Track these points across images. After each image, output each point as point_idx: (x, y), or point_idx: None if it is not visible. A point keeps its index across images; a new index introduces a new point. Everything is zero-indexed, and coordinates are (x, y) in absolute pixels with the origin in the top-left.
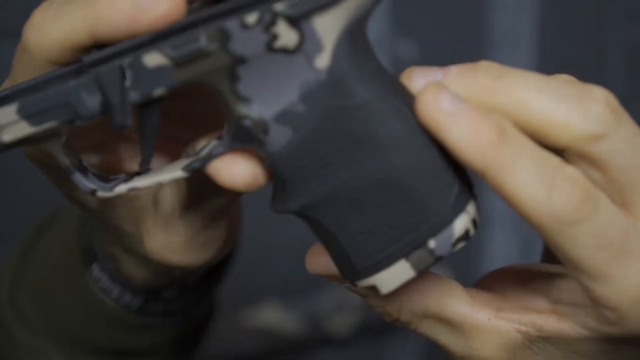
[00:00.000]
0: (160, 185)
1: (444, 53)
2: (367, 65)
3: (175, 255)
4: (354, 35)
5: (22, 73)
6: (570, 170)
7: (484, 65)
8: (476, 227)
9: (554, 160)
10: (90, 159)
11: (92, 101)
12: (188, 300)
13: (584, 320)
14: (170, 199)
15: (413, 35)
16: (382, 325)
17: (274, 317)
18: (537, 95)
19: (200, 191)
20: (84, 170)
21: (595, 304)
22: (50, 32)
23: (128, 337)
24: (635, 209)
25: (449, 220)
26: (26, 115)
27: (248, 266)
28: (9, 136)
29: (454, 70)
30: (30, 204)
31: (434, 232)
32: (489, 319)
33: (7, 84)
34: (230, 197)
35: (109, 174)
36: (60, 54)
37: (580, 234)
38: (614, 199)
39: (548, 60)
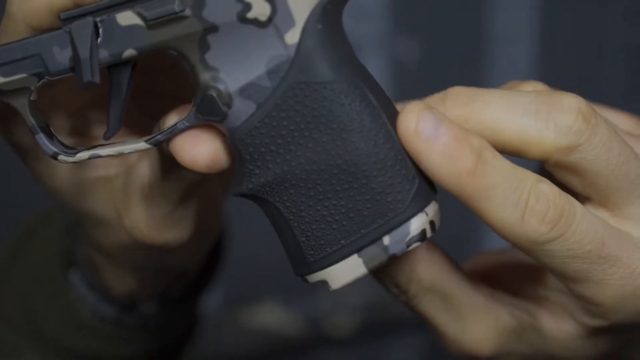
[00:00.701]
0: (122, 156)
1: (444, 52)
2: (338, 48)
3: (153, 230)
4: (327, 16)
5: (3, 40)
6: (545, 189)
7: (452, 93)
8: (434, 230)
9: (529, 180)
10: (62, 127)
11: (62, 56)
12: (167, 315)
13: (573, 310)
14: (146, 174)
15: (413, 35)
16: (382, 326)
17: (274, 317)
18: (507, 116)
19: (172, 166)
20: (49, 134)
21: (580, 300)
22: None
23: (103, 347)
24: (616, 209)
25: (406, 218)
26: None
27: (248, 266)
28: None
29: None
30: (22, 204)
31: (389, 228)
32: (486, 300)
33: None
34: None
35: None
36: (42, 18)
37: (555, 249)
38: (595, 201)
39: (548, 60)
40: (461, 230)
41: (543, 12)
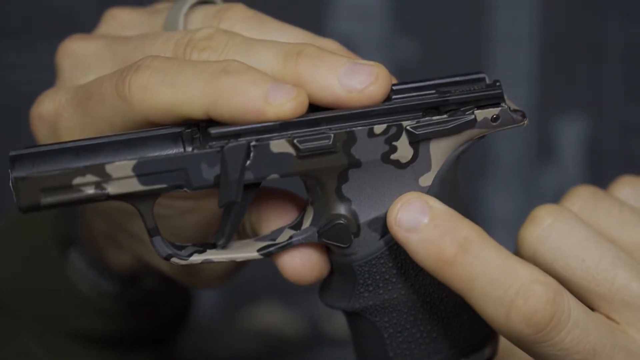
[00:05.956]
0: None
1: (444, 52)
2: (458, 191)
3: (185, 277)
4: (457, 163)
5: (108, 116)
6: (538, 291)
7: None
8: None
9: (522, 279)
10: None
11: (209, 172)
12: (165, 289)
13: None
14: (190, 229)
15: (413, 35)
16: None
17: (274, 318)
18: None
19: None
20: (160, 234)
21: None
22: (160, 95)
23: (101, 323)
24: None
25: (483, 345)
26: (140, 173)
27: (248, 266)
28: (115, 189)
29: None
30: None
31: (469, 352)
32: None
33: (74, 111)
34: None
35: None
36: (163, 117)
37: (542, 351)
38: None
39: (548, 60)
40: None
41: (543, 12)
